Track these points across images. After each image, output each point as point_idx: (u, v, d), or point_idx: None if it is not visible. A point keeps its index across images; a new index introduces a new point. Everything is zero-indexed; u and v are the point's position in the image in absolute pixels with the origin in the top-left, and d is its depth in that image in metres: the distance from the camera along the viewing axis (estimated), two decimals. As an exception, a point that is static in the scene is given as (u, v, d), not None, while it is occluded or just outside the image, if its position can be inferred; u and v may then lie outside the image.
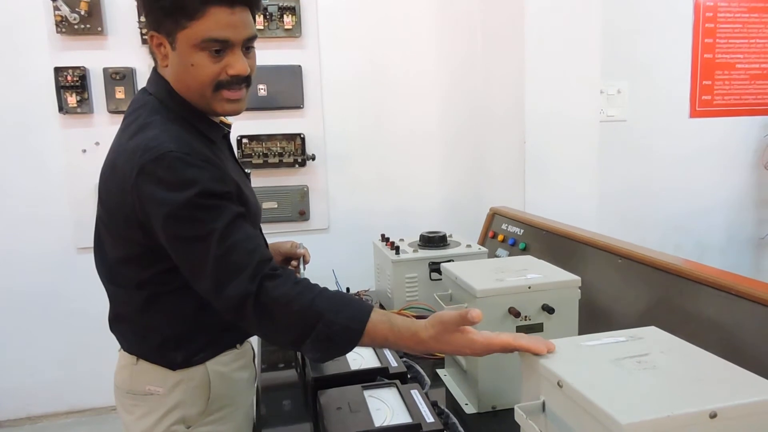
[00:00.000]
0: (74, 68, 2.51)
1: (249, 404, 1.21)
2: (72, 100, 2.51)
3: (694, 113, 3.32)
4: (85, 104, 2.54)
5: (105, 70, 2.54)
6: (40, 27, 2.50)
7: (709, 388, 0.66)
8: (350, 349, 0.93)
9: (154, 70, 1.08)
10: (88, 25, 2.48)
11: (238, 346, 1.16)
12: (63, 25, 2.47)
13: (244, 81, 1.04)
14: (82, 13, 2.46)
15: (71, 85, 2.51)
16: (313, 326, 0.90)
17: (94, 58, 2.53)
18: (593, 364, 0.73)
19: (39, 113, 2.55)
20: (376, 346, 1.09)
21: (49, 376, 2.74)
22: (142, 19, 1.03)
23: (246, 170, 1.30)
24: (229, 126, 1.19)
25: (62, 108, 2.53)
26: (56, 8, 2.45)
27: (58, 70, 2.51)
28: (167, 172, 0.93)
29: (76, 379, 2.75)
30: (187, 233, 0.94)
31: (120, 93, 2.53)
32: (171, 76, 1.04)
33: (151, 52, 1.06)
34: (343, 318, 0.91)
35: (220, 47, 0.98)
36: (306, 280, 0.96)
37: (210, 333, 1.08)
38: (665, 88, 3.23)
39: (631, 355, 0.75)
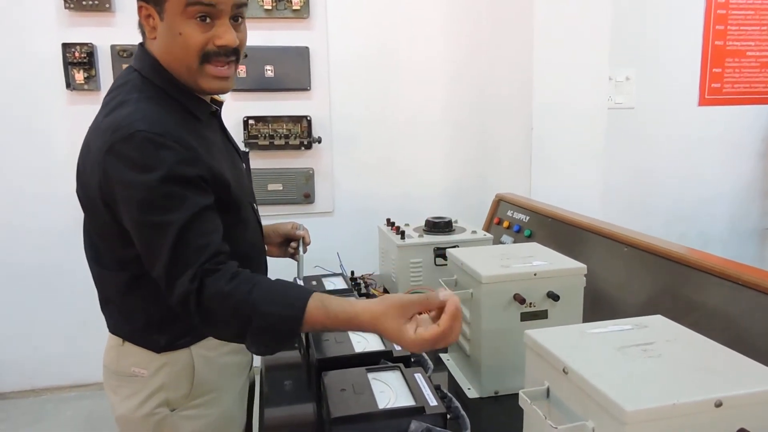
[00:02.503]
0: (82, 45, 2.50)
1: (238, 390, 1.20)
2: (79, 76, 2.51)
3: (702, 101, 3.29)
4: (92, 81, 2.53)
5: (113, 47, 2.53)
6: (48, 2, 2.48)
7: (714, 377, 0.67)
8: (292, 339, 0.92)
9: (141, 45, 1.05)
10: (96, 2, 2.46)
11: None
12: (71, 1, 2.45)
13: (233, 54, 1.02)
14: (90, -12, 2.44)
15: (79, 62, 2.50)
16: (250, 319, 0.89)
17: (102, 35, 2.52)
18: (599, 352, 0.74)
19: (46, 89, 2.54)
20: (317, 332, 1.07)
21: (53, 351, 2.78)
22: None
23: (245, 149, 1.28)
24: (220, 104, 1.17)
25: (69, 84, 2.52)
26: (64, -17, 2.43)
27: (65, 47, 2.50)
28: (135, 152, 0.91)
29: (80, 354, 2.78)
30: (146, 218, 0.92)
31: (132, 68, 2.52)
32: (158, 49, 1.01)
33: (140, 26, 1.04)
34: (278, 308, 0.89)
35: (206, 12, 0.96)
36: (245, 272, 0.94)
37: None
38: (674, 75, 3.20)
39: (637, 343, 0.75)
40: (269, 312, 0.89)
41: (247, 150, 1.36)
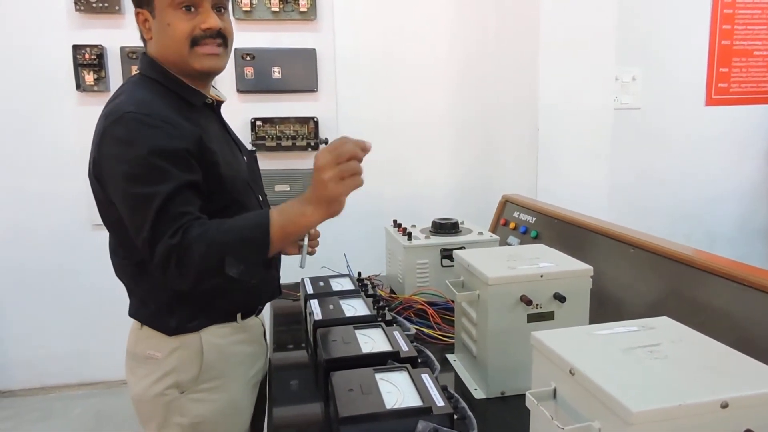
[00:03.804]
0: (92, 46, 2.53)
1: (246, 380, 1.24)
2: (89, 78, 2.53)
3: (709, 101, 3.27)
4: (101, 82, 2.56)
5: (122, 49, 2.55)
6: (59, 4, 2.51)
7: (721, 379, 0.67)
8: (266, 248, 1.00)
9: (143, 53, 1.17)
10: (106, 4, 2.49)
11: (238, 319, 1.21)
12: (82, 3, 2.48)
13: (219, 36, 1.11)
14: (101, -9, 2.47)
15: (89, 63, 2.53)
16: (225, 242, 0.98)
17: (112, 36, 2.55)
18: (605, 353, 0.74)
19: (57, 90, 2.58)
20: (287, 242, 1.11)
21: (61, 349, 2.81)
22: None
23: (251, 148, 1.36)
24: (220, 102, 1.25)
25: (79, 86, 2.55)
26: (75, -14, 2.46)
27: (76, 48, 2.52)
28: (123, 130, 1.01)
29: (88, 353, 2.81)
30: (131, 190, 1.00)
31: (136, 71, 2.54)
32: (155, 46, 1.12)
33: (140, 32, 1.15)
34: (247, 221, 1.02)
35: (190, 2, 1.07)
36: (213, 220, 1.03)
37: (198, 301, 1.13)
38: (681, 75, 3.19)
39: (643, 344, 0.76)
40: (241, 226, 1.01)
41: (253, 149, 1.40)
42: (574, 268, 1.14)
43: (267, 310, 1.42)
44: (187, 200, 1.01)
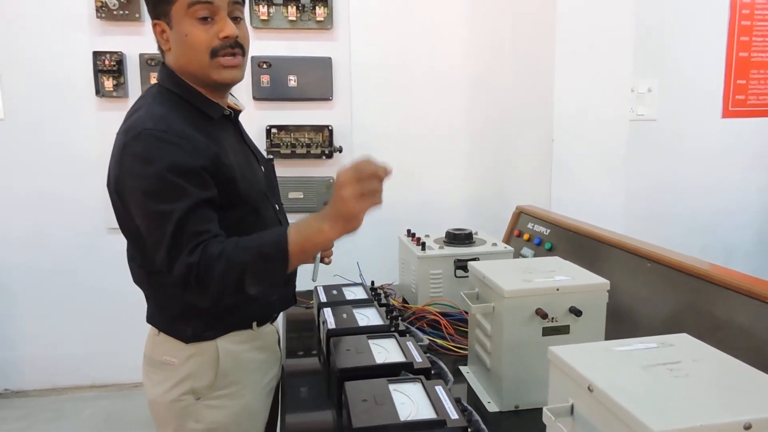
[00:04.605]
0: (112, 53, 2.57)
1: (262, 385, 1.25)
2: (108, 84, 2.57)
3: (726, 113, 3.24)
4: (120, 88, 2.60)
5: (141, 55, 2.59)
6: (81, 12, 2.56)
7: (744, 399, 0.66)
8: (285, 265, 1.01)
9: (162, 63, 1.17)
10: (126, 12, 2.53)
11: (254, 326, 1.21)
12: (103, 11, 2.52)
13: (237, 46, 1.11)
14: (122, -1, 2.51)
15: (108, 69, 2.57)
16: (245, 261, 0.99)
17: (131, 43, 2.59)
18: (625, 370, 0.73)
19: (77, 96, 2.62)
20: (304, 259, 1.11)
21: (74, 351, 2.84)
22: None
23: (268, 156, 1.35)
24: (239, 111, 1.26)
25: (99, 91, 2.59)
26: (97, -6, 2.51)
27: (96, 54, 2.57)
28: (141, 147, 1.02)
29: (100, 355, 2.84)
30: (150, 207, 1.01)
31: (154, 78, 2.56)
32: (174, 57, 1.13)
33: (158, 43, 1.15)
34: (266, 239, 1.02)
35: (207, 12, 1.07)
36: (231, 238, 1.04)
37: (214, 311, 1.13)
38: (697, 86, 3.17)
39: (663, 362, 0.75)
40: (259, 244, 1.01)
41: (270, 157, 1.41)
42: (591, 282, 1.13)
43: (280, 317, 1.42)
44: (204, 217, 1.02)
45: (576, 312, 1.08)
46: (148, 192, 1.01)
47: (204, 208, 1.03)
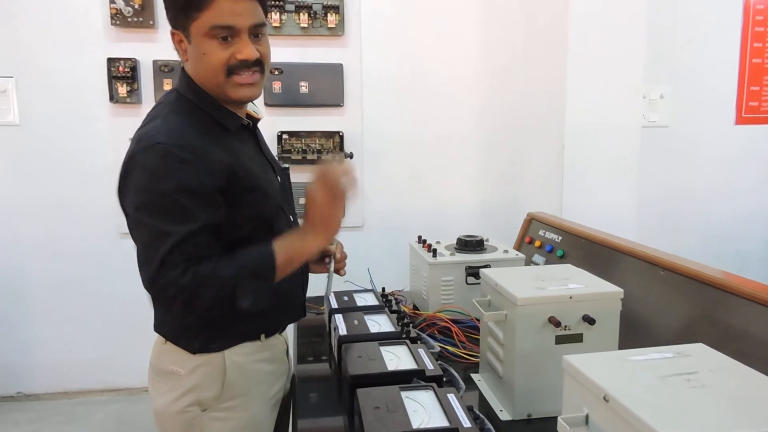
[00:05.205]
0: (126, 59, 2.60)
1: (269, 397, 1.23)
2: (122, 90, 2.60)
3: (739, 119, 3.22)
4: (134, 94, 2.62)
5: (155, 62, 2.62)
6: (96, 19, 2.59)
7: (762, 410, 0.65)
8: (272, 275, 1.06)
9: (182, 68, 1.16)
10: (140, 19, 2.56)
11: (262, 338, 1.20)
12: (117, 18, 2.56)
13: (255, 65, 1.10)
14: (136, 6, 2.55)
15: (122, 76, 2.60)
16: (235, 276, 1.02)
17: (145, 50, 2.62)
18: (641, 380, 0.73)
19: (91, 101, 2.65)
20: (291, 269, 1.15)
21: (86, 355, 2.85)
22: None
23: (284, 165, 1.37)
24: (257, 120, 1.26)
25: (113, 97, 2.62)
26: (112, 1, 2.54)
27: (110, 61, 2.60)
28: (152, 160, 1.01)
29: (112, 360, 2.85)
30: (150, 222, 1.00)
31: (168, 85, 2.61)
32: (191, 68, 1.12)
33: (176, 50, 1.14)
34: (254, 255, 1.06)
35: (226, 34, 1.05)
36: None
37: (220, 324, 1.13)
38: (710, 93, 3.15)
39: (679, 372, 0.74)
40: (249, 259, 1.05)
41: (287, 166, 1.42)
42: (604, 290, 1.12)
43: (290, 324, 1.42)
44: (203, 243, 1.02)
45: (589, 320, 1.07)
46: (149, 207, 1.00)
47: (204, 234, 1.02)
